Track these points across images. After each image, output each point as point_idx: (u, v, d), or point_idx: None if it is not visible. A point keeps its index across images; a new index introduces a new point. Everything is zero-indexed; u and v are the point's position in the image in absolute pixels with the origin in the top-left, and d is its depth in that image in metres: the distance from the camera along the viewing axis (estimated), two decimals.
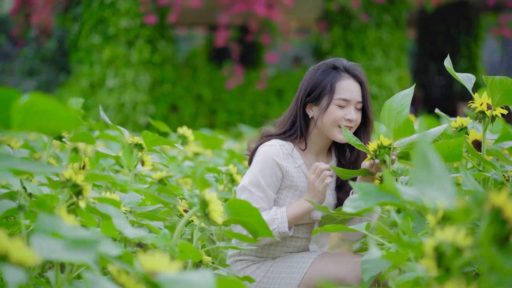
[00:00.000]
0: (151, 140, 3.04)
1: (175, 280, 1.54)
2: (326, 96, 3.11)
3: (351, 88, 3.11)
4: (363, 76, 3.17)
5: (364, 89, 3.15)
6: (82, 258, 1.56)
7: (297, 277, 3.07)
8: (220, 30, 13.62)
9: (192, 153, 4.80)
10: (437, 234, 1.58)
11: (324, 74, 3.14)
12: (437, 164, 1.49)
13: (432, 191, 1.45)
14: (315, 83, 3.14)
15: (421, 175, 1.48)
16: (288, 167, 3.10)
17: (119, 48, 13.55)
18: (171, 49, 14.26)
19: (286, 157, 3.12)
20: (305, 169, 3.16)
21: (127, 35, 13.57)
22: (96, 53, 13.85)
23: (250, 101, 14.37)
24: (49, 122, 1.63)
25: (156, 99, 13.85)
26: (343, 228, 2.57)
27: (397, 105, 2.73)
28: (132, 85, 13.52)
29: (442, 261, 1.58)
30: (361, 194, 2.13)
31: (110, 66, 13.66)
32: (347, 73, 3.14)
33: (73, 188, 2.17)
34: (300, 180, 3.13)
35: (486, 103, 2.66)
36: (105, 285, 1.57)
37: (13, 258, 1.49)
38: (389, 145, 2.74)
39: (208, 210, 2.18)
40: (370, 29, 14.37)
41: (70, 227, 1.69)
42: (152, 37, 13.71)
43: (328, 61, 3.18)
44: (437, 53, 18.63)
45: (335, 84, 3.10)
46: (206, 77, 14.53)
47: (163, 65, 13.90)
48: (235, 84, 14.07)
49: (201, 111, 14.24)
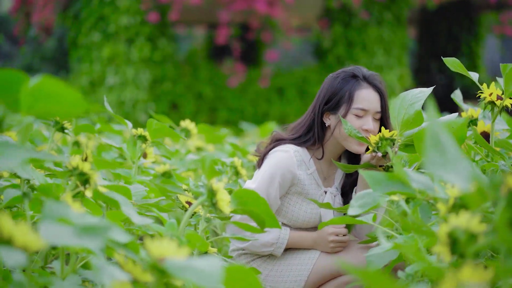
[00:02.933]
0: (155, 129, 2.99)
1: (183, 267, 1.51)
2: (344, 104, 3.06)
3: (370, 98, 3.07)
4: (383, 86, 3.11)
5: (384, 100, 3.09)
6: (91, 244, 1.53)
7: (306, 268, 3.04)
8: (221, 27, 13.60)
9: (194, 147, 4.77)
10: (451, 220, 1.56)
11: (343, 82, 3.10)
12: (451, 146, 1.46)
13: (447, 173, 1.42)
14: (334, 91, 3.10)
15: (434, 157, 1.45)
16: (301, 174, 3.06)
17: (119, 45, 13.52)
18: (172, 47, 14.24)
19: (300, 164, 3.08)
20: (316, 176, 3.13)
21: (127, 32, 13.53)
22: (96, 51, 13.81)
23: (251, 99, 14.34)
24: (58, 106, 1.61)
25: (157, 97, 13.82)
26: (349, 221, 2.55)
27: (412, 97, 2.69)
28: (132, 83, 13.49)
29: (456, 248, 1.55)
30: (371, 182, 2.11)
31: (110, 64, 13.62)
32: (367, 82, 3.09)
33: (80, 177, 2.14)
34: (311, 187, 3.11)
35: (496, 93, 2.64)
36: (113, 271, 1.55)
37: (17, 242, 1.46)
38: (391, 137, 2.71)
39: (215, 199, 2.16)
40: (371, 27, 14.34)
41: (78, 213, 1.67)
42: (152, 35, 13.67)
43: (347, 69, 3.14)
44: (439, 52, 18.61)
45: (354, 93, 3.06)
46: (207, 75, 14.50)
47: (163, 63, 13.87)
48: (238, 82, 14.04)
49: (201, 109, 14.20)
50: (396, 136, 2.72)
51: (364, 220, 2.48)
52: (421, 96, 2.66)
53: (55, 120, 3.09)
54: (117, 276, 1.53)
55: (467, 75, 2.72)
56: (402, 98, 2.71)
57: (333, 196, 3.16)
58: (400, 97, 2.72)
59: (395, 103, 2.72)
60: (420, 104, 2.64)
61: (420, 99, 2.65)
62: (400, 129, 2.69)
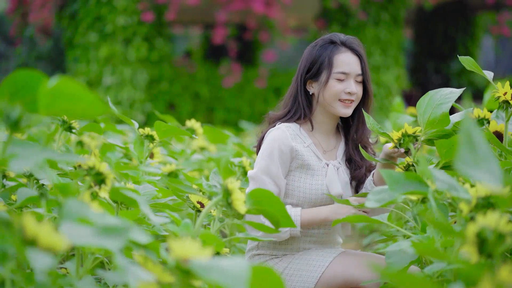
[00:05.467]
0: (164, 130, 2.98)
1: (209, 267, 1.49)
2: (325, 70, 3.08)
3: (349, 61, 3.08)
4: (361, 49, 3.14)
5: (363, 62, 3.12)
6: (112, 244, 1.51)
7: (314, 276, 3.00)
8: (218, 27, 13.58)
9: (198, 147, 4.75)
10: (479, 219, 1.54)
11: (321, 49, 3.11)
12: (483, 145, 1.44)
13: (478, 172, 1.40)
14: (313, 59, 3.12)
15: (466, 156, 1.43)
16: (297, 146, 3.06)
17: (116, 46, 13.49)
18: (169, 47, 14.22)
19: (294, 137, 3.08)
20: (314, 149, 3.12)
21: (124, 32, 13.50)
22: (93, 51, 13.78)
23: (248, 99, 14.34)
24: (77, 106, 1.60)
25: (154, 97, 13.80)
26: (365, 220, 2.53)
27: (441, 97, 2.65)
28: (129, 83, 13.46)
29: (484, 248, 1.53)
30: (389, 182, 2.09)
31: (107, 64, 13.59)
32: (345, 46, 3.11)
33: (96, 177, 2.12)
34: (312, 159, 3.09)
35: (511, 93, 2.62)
36: (138, 272, 1.53)
37: (42, 243, 1.45)
38: (414, 133, 2.69)
39: (231, 199, 2.13)
40: (368, 27, 14.34)
41: (98, 213, 1.65)
42: (149, 35, 13.65)
43: (325, 37, 3.16)
44: (435, 52, 18.64)
45: (333, 58, 3.08)
46: (204, 75, 14.49)
47: (160, 63, 13.85)
48: (233, 82, 14.04)
49: (199, 109, 14.19)
50: (419, 133, 2.69)
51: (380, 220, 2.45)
52: (451, 97, 2.62)
53: (63, 120, 3.07)
54: (143, 277, 1.51)
55: (482, 74, 2.70)
56: (431, 96, 2.67)
57: (336, 168, 3.13)
58: (429, 95, 2.69)
59: (423, 101, 2.68)
60: (448, 106, 2.60)
61: (449, 100, 2.61)
62: (424, 128, 2.66)
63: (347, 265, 2.98)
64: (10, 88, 1.64)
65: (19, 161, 1.66)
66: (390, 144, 2.83)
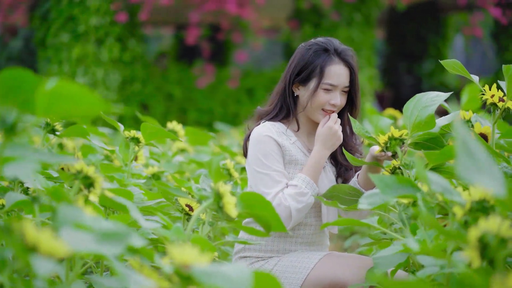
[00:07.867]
0: (150, 133, 2.95)
1: (211, 273, 1.48)
2: (315, 79, 3.09)
3: (340, 74, 3.09)
4: (354, 61, 3.14)
5: (354, 74, 3.13)
6: (112, 250, 1.50)
7: (300, 277, 2.99)
8: (191, 28, 13.55)
9: (178, 149, 4.73)
10: (481, 224, 1.54)
11: (314, 55, 3.11)
12: (480, 151, 1.45)
13: (482, 177, 1.40)
14: (305, 64, 3.12)
15: (466, 162, 1.43)
16: (283, 142, 3.07)
17: (88, 46, 13.39)
18: (141, 48, 14.15)
19: (279, 134, 3.10)
20: (300, 145, 3.14)
21: (97, 33, 13.41)
22: (65, 52, 13.66)
23: (220, 100, 14.31)
24: (76, 107, 1.58)
25: (126, 98, 13.72)
26: (354, 223, 2.53)
27: (427, 100, 2.67)
28: (102, 84, 13.37)
29: (486, 253, 1.53)
30: (381, 186, 2.10)
31: (80, 64, 13.48)
32: (338, 57, 3.11)
33: (84, 180, 2.10)
34: (299, 154, 3.11)
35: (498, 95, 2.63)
36: (139, 279, 1.51)
37: (43, 250, 1.43)
38: (400, 137, 2.69)
39: (222, 203, 2.12)
40: (341, 27, 14.34)
41: (94, 218, 1.63)
42: (122, 35, 13.57)
43: (320, 42, 3.15)
44: (406, 53, 18.72)
45: (325, 68, 3.08)
46: (176, 76, 14.44)
47: (133, 63, 13.77)
48: (206, 83, 14.02)
49: (171, 110, 14.14)
50: (405, 136, 2.70)
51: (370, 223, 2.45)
52: (436, 100, 2.64)
53: (46, 122, 3.04)
54: (143, 283, 1.49)
55: (468, 77, 2.71)
56: (418, 99, 2.69)
57: (322, 167, 3.14)
58: (416, 98, 2.71)
59: (409, 104, 2.70)
60: (434, 108, 2.62)
61: (435, 103, 2.63)
62: (411, 130, 2.68)
63: (334, 267, 2.97)
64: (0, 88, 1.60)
65: (14, 166, 1.63)
66: (377, 147, 2.84)
